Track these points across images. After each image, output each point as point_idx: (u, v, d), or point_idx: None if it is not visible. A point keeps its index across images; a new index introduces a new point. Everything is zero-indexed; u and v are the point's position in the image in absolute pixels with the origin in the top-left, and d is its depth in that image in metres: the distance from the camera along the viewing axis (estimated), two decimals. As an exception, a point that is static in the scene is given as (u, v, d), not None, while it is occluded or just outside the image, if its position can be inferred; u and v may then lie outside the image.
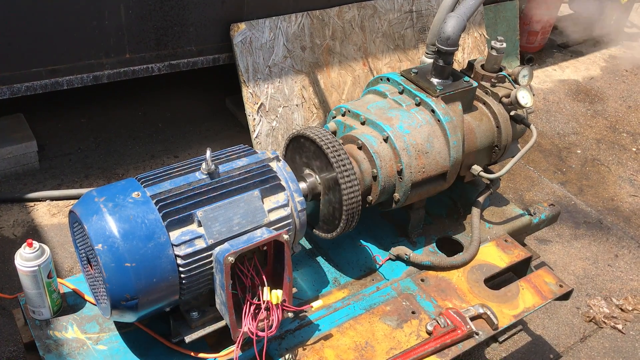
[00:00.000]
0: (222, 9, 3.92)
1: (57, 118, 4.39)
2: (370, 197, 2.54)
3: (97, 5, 3.50)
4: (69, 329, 2.21)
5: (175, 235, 1.97)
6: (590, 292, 3.59)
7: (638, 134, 5.15)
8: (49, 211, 3.65)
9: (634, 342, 3.30)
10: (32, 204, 3.69)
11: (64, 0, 3.41)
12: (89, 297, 2.32)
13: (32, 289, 2.15)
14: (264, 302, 2.07)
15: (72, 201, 3.71)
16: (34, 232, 3.49)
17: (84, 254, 2.07)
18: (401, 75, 2.72)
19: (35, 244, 2.13)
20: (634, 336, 3.34)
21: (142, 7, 3.65)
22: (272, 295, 2.07)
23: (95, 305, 2.19)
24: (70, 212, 2.03)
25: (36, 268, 2.12)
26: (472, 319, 2.38)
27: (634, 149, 4.95)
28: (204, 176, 2.10)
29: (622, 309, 3.48)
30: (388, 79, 2.74)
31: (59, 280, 2.29)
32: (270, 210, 2.15)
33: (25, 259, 2.11)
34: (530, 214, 3.06)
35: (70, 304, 2.31)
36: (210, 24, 3.94)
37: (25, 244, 2.12)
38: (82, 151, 4.15)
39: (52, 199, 3.73)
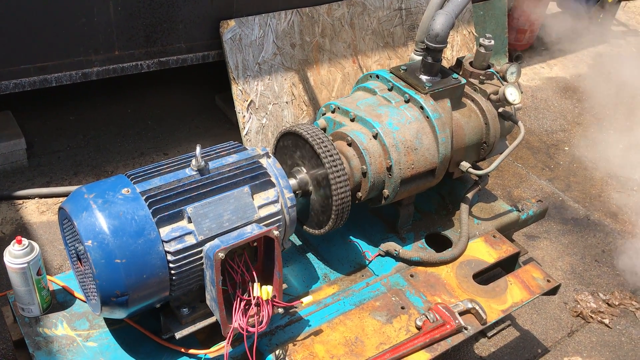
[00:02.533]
0: (211, 6, 3.92)
1: (46, 115, 4.36)
2: (359, 194, 2.55)
3: (85, 2, 3.49)
4: (58, 326, 2.21)
5: (165, 231, 1.97)
6: (578, 287, 3.62)
7: (625, 131, 5.20)
8: (37, 209, 3.63)
9: (621, 337, 3.34)
10: (20, 201, 3.67)
11: (52, -3, 3.40)
12: (78, 294, 2.32)
13: (22, 286, 2.15)
14: (254, 298, 2.07)
15: (62, 199, 3.70)
16: (22, 230, 3.48)
17: (73, 251, 2.07)
18: (390, 72, 2.73)
19: (25, 241, 2.12)
20: (621, 330, 3.38)
21: (131, 4, 3.64)
22: (263, 291, 2.07)
23: (85, 302, 2.19)
24: (60, 208, 2.03)
25: (25, 265, 2.11)
26: (461, 314, 2.40)
27: (621, 146, 5.00)
28: (194, 172, 2.11)
29: (609, 304, 3.52)
30: (377, 76, 2.75)
31: (48, 277, 2.29)
32: (260, 207, 2.16)
33: (14, 256, 2.11)
34: (519, 210, 3.09)
35: (59, 301, 2.31)
36: (199, 21, 3.94)
37: (14, 241, 2.12)
38: (71, 148, 4.13)
39: (41, 196, 3.71)
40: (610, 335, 3.34)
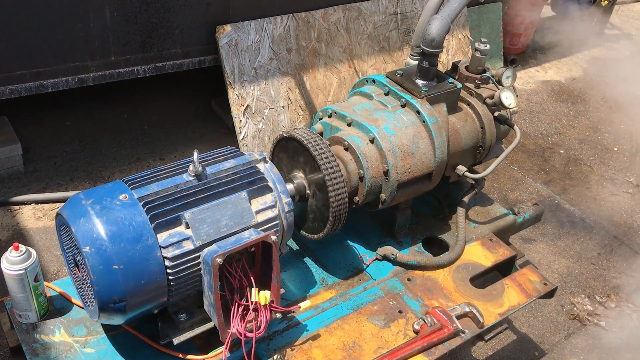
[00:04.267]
0: (207, 11, 3.92)
1: (42, 121, 4.36)
2: (357, 198, 2.56)
3: (81, 7, 3.49)
4: (56, 333, 2.20)
5: (163, 237, 1.97)
6: (574, 290, 3.63)
7: (619, 134, 5.22)
8: (34, 215, 3.62)
9: (617, 339, 3.35)
10: (17, 207, 3.66)
11: (48, 3, 3.40)
12: (76, 300, 2.31)
13: (19, 293, 2.14)
14: (252, 303, 2.07)
15: (58, 205, 3.69)
16: (19, 236, 3.47)
17: (71, 257, 2.07)
18: (386, 76, 2.74)
19: (22, 247, 2.12)
20: (617, 333, 3.39)
21: (127, 9, 3.65)
22: (260, 296, 2.07)
23: (83, 308, 2.19)
24: (57, 214, 2.02)
25: (22, 271, 2.11)
26: (458, 317, 2.41)
27: (615, 149, 5.03)
28: (191, 178, 2.11)
29: (605, 307, 3.53)
30: (374, 81, 2.76)
31: (45, 283, 2.28)
32: (257, 212, 2.16)
33: (12, 262, 2.10)
34: (515, 214, 3.10)
35: (57, 307, 2.30)
36: (195, 26, 3.94)
37: (11, 247, 2.11)
38: (67, 154, 4.12)
39: (38, 202, 3.70)
40: (607, 338, 3.35)
